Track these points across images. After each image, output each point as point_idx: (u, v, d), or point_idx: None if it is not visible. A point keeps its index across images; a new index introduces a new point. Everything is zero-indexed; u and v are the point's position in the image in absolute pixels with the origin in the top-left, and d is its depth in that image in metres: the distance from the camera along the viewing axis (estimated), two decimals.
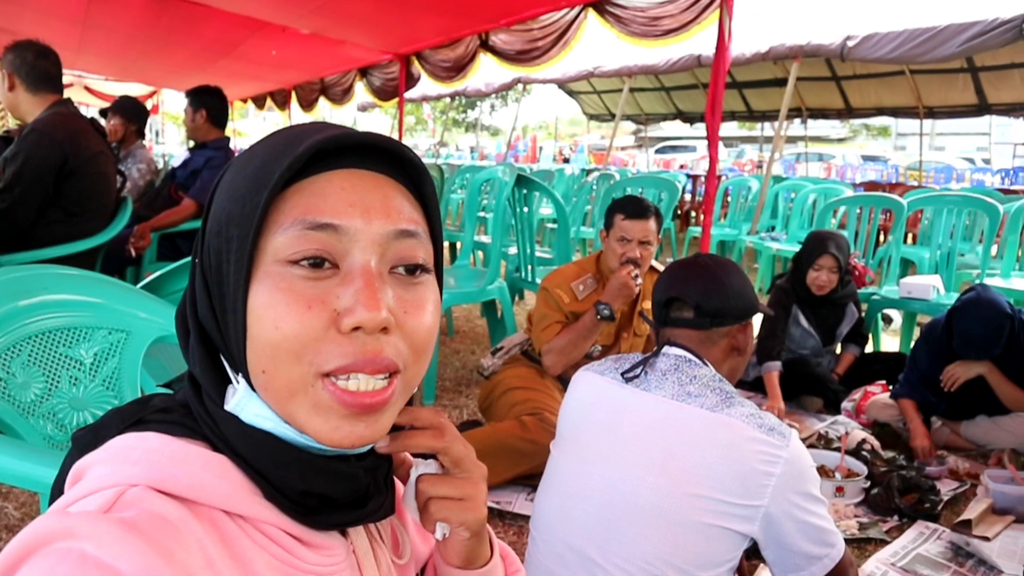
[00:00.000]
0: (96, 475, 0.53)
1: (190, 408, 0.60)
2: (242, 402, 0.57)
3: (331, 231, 0.56)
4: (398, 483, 0.71)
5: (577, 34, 7.36)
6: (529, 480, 2.43)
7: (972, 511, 2.32)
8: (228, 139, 4.04)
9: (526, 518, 2.29)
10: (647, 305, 2.74)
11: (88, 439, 0.58)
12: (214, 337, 0.59)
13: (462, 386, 3.49)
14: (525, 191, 3.59)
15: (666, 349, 1.47)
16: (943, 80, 9.18)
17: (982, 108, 9.37)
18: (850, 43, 6.48)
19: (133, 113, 4.33)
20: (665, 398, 1.37)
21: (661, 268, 2.84)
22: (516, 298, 4.52)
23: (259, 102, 16.17)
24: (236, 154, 4.05)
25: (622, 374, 1.45)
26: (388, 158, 0.61)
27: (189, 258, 1.78)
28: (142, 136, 4.42)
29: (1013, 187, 11.18)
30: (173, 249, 3.71)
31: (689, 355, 1.44)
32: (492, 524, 2.28)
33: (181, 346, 0.62)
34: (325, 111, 15.17)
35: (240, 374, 0.58)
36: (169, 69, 10.81)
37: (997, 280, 4.00)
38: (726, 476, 1.27)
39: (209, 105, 3.84)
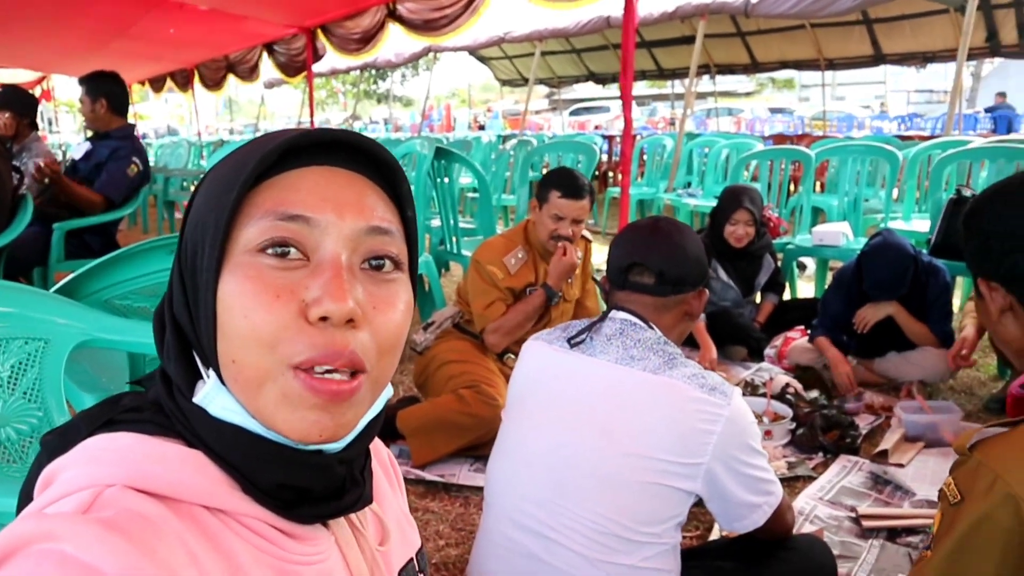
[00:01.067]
0: (69, 477, 0.52)
1: (162, 406, 0.59)
2: (210, 395, 0.57)
3: (303, 223, 0.56)
4: (376, 471, 0.71)
5: (485, 3, 7.29)
6: (472, 451, 2.46)
7: (887, 441, 2.48)
8: (133, 126, 3.88)
9: (471, 488, 2.32)
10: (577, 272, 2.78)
11: (56, 443, 0.57)
12: (187, 331, 0.59)
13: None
14: (444, 163, 3.57)
15: (612, 314, 1.48)
16: (841, 33, 9.51)
17: (877, 58, 9.78)
18: (753, 0, 6.63)
19: (22, 104, 4.07)
20: (609, 362, 1.40)
21: (588, 235, 2.89)
22: (443, 271, 4.50)
23: (157, 84, 15.45)
24: (141, 140, 3.87)
25: (568, 340, 1.47)
26: (364, 157, 0.61)
27: (106, 256, 1.71)
28: (35, 127, 4.18)
29: (909, 132, 11.74)
30: (82, 246, 3.55)
31: (634, 319, 1.46)
32: (438, 498, 2.31)
33: (156, 343, 0.62)
34: (233, 89, 14.66)
35: (211, 368, 0.57)
36: (58, 53, 10.20)
37: (899, 223, 4.20)
38: (668, 436, 1.31)
39: (109, 93, 3.67)
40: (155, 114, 34.39)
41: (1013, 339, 1.06)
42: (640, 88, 25.58)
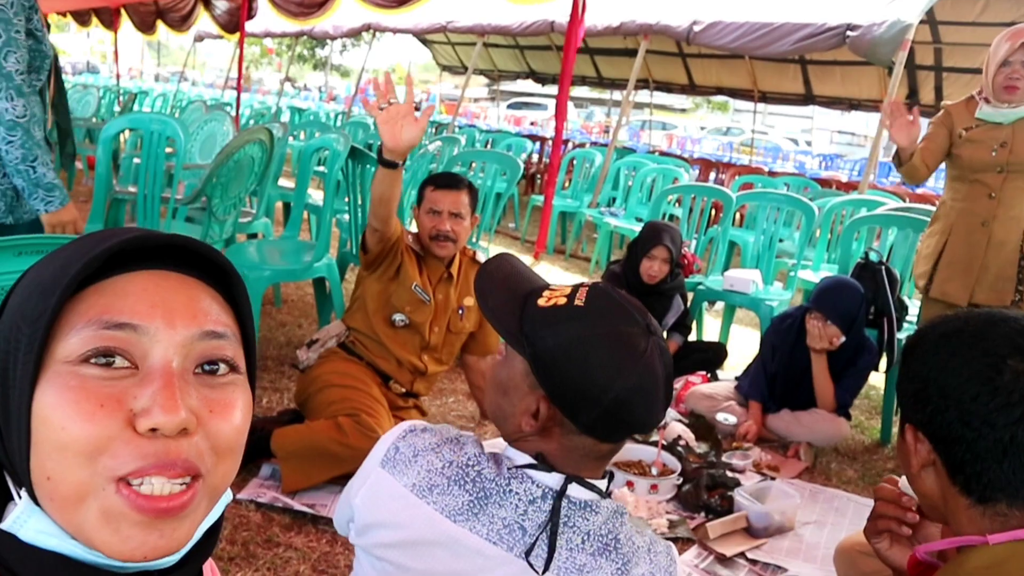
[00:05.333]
0: None
1: None
2: (21, 518, 0.52)
3: (130, 330, 0.53)
4: None
5: None
6: (346, 480, 2.32)
7: (724, 527, 2.36)
8: None
9: None
10: (468, 302, 2.66)
11: None
12: None
13: (285, 366, 3.30)
14: (359, 162, 3.41)
15: (571, 492, 0.98)
16: (777, 68, 9.71)
17: (808, 98, 10.04)
18: (696, 28, 6.65)
19: None
20: (551, 574, 0.94)
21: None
22: (350, 266, 4.33)
23: (82, 18, 14.57)
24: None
25: (526, 554, 0.94)
26: (196, 260, 0.58)
27: None
28: None
29: (828, 172, 12.16)
30: None
31: (586, 497, 0.99)
32: (304, 531, 2.16)
33: None
34: (164, 35, 14.06)
35: (23, 488, 0.52)
36: None
37: (809, 273, 4.28)
38: None
39: None
40: (74, 49, 32.53)
41: (930, 494, 0.96)
42: (580, 91, 25.70)
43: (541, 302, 1.01)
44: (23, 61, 1.99)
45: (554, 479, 0.97)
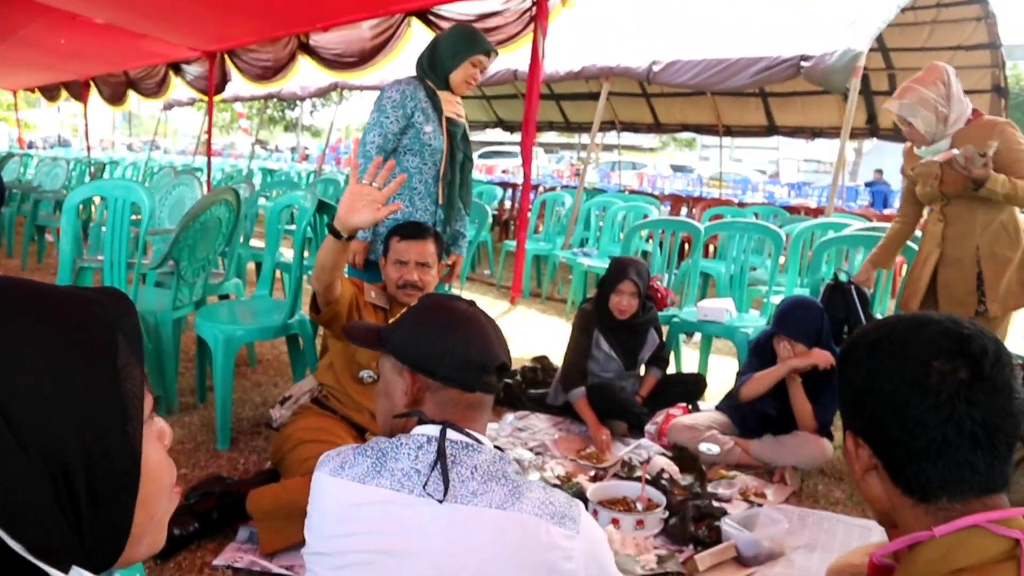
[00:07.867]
0: None
1: None
2: None
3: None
4: None
5: (401, 42, 7.24)
6: None
7: (713, 558, 2.34)
8: None
9: None
10: None
11: None
12: (50, 543, 0.53)
13: (261, 426, 3.24)
14: (328, 216, 3.41)
15: (451, 435, 1.21)
16: (739, 103, 9.94)
17: (771, 129, 10.27)
18: (655, 68, 6.80)
19: None
20: (450, 503, 1.15)
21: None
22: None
23: (50, 93, 14.63)
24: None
25: (423, 487, 1.16)
26: None
27: None
28: None
29: (797, 200, 12.35)
30: None
31: (466, 439, 1.22)
32: None
33: None
34: (135, 104, 14.18)
35: (77, 565, 0.55)
36: None
37: (781, 298, 4.30)
38: None
39: None
40: (45, 123, 32.66)
41: (877, 499, 0.97)
42: (549, 136, 26.06)
43: (390, 321, 1.38)
44: (382, 137, 2.89)
45: (435, 428, 1.22)
